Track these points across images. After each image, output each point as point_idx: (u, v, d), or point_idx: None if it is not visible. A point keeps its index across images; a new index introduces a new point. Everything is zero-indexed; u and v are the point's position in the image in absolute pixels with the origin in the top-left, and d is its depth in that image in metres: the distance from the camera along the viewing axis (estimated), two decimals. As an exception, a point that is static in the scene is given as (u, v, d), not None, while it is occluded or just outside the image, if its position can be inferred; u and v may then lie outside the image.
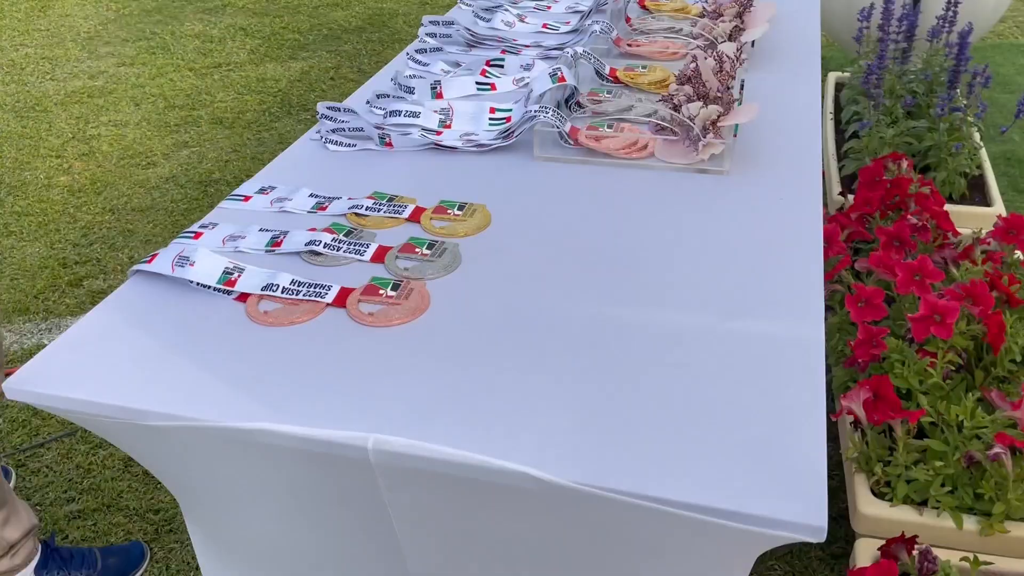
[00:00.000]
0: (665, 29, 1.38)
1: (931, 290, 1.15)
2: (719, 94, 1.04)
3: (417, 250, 0.86)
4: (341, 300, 0.79)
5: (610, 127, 1.06)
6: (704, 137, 1.00)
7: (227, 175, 2.47)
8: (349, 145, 1.09)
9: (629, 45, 1.32)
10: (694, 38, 1.31)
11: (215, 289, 0.81)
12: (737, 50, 1.11)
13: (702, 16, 1.38)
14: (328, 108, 1.15)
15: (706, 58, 1.11)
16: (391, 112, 1.12)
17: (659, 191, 0.97)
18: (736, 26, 1.28)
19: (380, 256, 0.86)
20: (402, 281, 0.81)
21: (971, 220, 1.61)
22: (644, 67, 1.23)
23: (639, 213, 0.92)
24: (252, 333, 0.76)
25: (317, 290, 0.80)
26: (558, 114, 1.04)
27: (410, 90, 1.21)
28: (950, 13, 1.83)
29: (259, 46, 3.45)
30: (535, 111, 1.04)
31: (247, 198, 0.98)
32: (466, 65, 1.30)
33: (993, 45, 3.24)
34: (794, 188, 0.95)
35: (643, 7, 1.51)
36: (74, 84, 3.15)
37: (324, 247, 0.86)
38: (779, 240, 0.86)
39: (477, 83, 1.24)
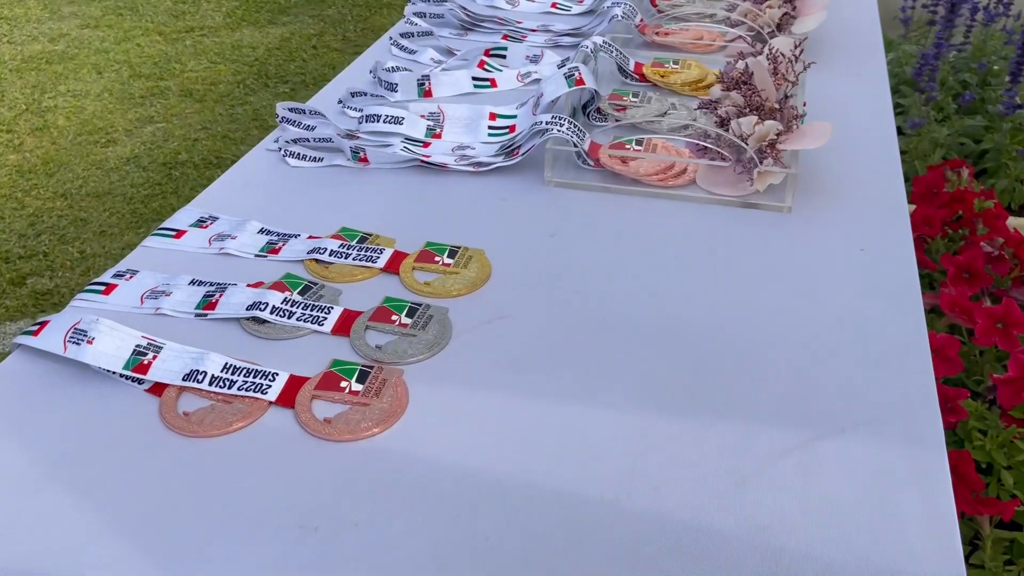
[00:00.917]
0: (698, 13, 1.16)
1: (1019, 342, 0.95)
2: (777, 105, 0.83)
3: (394, 318, 0.66)
4: (289, 396, 0.59)
5: (639, 143, 0.85)
6: (760, 162, 0.79)
7: (195, 156, 2.24)
8: (314, 159, 0.88)
9: (656, 33, 1.10)
10: (733, 26, 1.10)
11: (121, 376, 0.60)
12: (795, 46, 0.90)
13: (741, -2, 1.16)
14: (290, 110, 0.94)
15: (757, 55, 0.90)
16: (368, 117, 0.90)
17: (702, 233, 0.76)
18: (786, 13, 1.07)
19: (345, 325, 0.65)
20: (372, 367, 0.61)
21: (1033, 235, 1.41)
22: (676, 62, 1.02)
23: (678, 264, 0.72)
24: (166, 448, 0.56)
25: (258, 381, 0.59)
26: (575, 127, 0.83)
27: (392, 87, 1.00)
28: (1009, -7, 1.61)
29: (236, 8, 3.19)
30: (546, 123, 0.83)
31: (179, 233, 0.77)
32: (461, 54, 1.08)
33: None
34: (877, 233, 0.75)
35: (669, -16, 1.28)
36: (32, 48, 2.90)
37: (272, 312, 0.65)
38: (865, 312, 0.66)
39: (474, 78, 1.02)
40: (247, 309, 0.66)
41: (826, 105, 0.94)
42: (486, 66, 1.05)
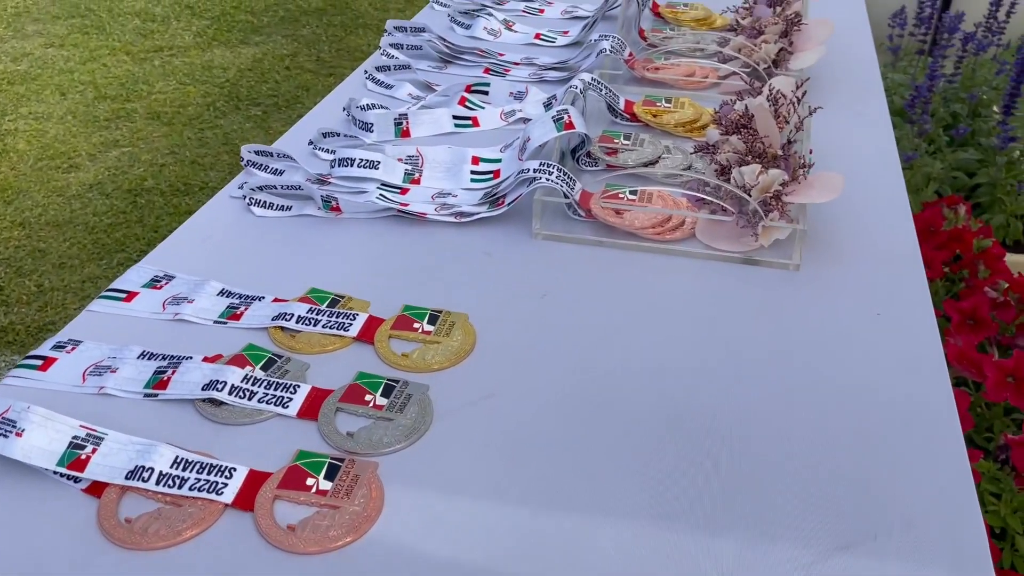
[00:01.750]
0: (689, 47, 1.11)
1: (1030, 398, 0.90)
2: (781, 152, 0.77)
3: (368, 398, 0.59)
4: (248, 497, 0.52)
5: (633, 192, 0.79)
6: (765, 216, 0.73)
7: (161, 183, 2.16)
8: (281, 208, 0.81)
9: (646, 68, 1.05)
10: (725, 61, 1.04)
11: (55, 473, 0.53)
12: (797, 87, 0.85)
13: (734, 30, 1.11)
14: (256, 153, 0.87)
15: (756, 96, 0.84)
16: (341, 160, 0.84)
17: (704, 293, 0.70)
18: (783, 48, 1.01)
19: (313, 408, 0.58)
20: (343, 460, 0.54)
21: (1029, 272, 1.37)
22: (668, 100, 0.96)
23: (679, 331, 0.66)
24: (104, 563, 0.48)
25: (212, 479, 0.52)
26: (565, 175, 0.77)
27: (367, 127, 0.93)
28: (998, 21, 1.58)
29: (207, 28, 3.11)
30: (534, 170, 0.76)
31: (130, 296, 0.69)
32: (441, 90, 1.02)
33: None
34: (893, 295, 0.69)
35: (657, 15, 1.23)
36: (-7, 68, 2.80)
37: (231, 392, 0.58)
38: (886, 389, 0.60)
39: (455, 117, 0.96)
40: (203, 389, 0.58)
41: (829, 149, 0.89)
42: (467, 103, 0.99)
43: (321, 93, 1.04)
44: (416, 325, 0.65)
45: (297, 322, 0.65)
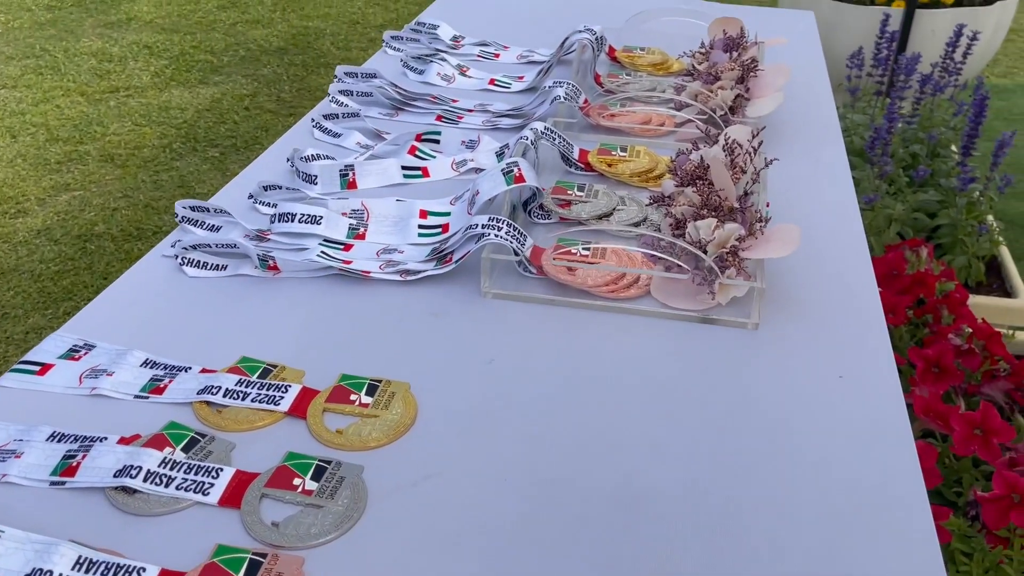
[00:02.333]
0: (646, 92, 1.09)
1: (999, 451, 0.87)
2: (737, 205, 0.75)
3: (297, 482, 0.54)
4: (158, 602, 0.47)
5: (587, 248, 0.76)
6: (721, 273, 0.70)
7: (113, 228, 2.09)
8: (216, 268, 0.77)
9: (601, 115, 1.02)
10: (681, 108, 1.02)
11: (-58, 579, 0.48)
12: (753, 135, 0.82)
13: (690, 75, 1.10)
14: (191, 209, 0.82)
15: (711, 146, 0.82)
16: (281, 216, 0.80)
17: (659, 355, 0.67)
18: (739, 95, 1.00)
19: (236, 494, 0.53)
20: (265, 557, 0.49)
21: (992, 314, 1.36)
22: (623, 149, 0.94)
23: (634, 397, 0.62)
24: None
25: (119, 582, 0.47)
26: (514, 230, 0.74)
27: (311, 179, 0.89)
28: (954, 62, 1.59)
29: (165, 68, 3.06)
30: (482, 226, 0.73)
31: (44, 368, 0.64)
32: (391, 139, 0.98)
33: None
34: (856, 356, 0.66)
35: (614, 60, 1.21)
36: (-58, 110, 2.73)
37: (146, 479, 0.53)
38: (850, 459, 0.57)
39: (404, 167, 0.93)
40: (115, 476, 0.53)
41: (787, 198, 0.87)
42: (418, 152, 0.96)
43: (281, 133, 1.00)
44: (353, 397, 0.61)
45: (224, 396, 0.61)
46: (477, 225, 0.74)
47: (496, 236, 0.72)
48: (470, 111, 1.08)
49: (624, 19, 1.33)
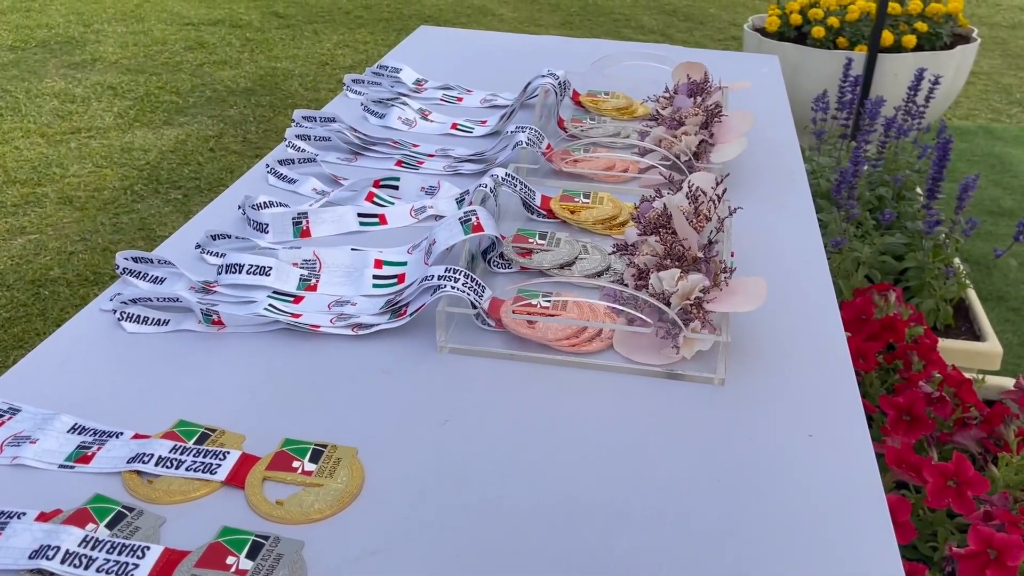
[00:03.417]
0: (609, 137, 1.07)
1: (973, 504, 0.85)
2: (701, 255, 0.72)
3: (231, 561, 0.50)
4: None
5: (547, 300, 0.73)
6: (685, 326, 0.68)
7: (69, 272, 2.04)
8: (157, 323, 0.73)
9: (564, 160, 1.00)
10: (644, 154, 1.01)
11: None
12: (717, 183, 0.80)
13: (654, 119, 1.08)
14: (133, 260, 0.79)
15: (674, 193, 0.80)
16: (228, 267, 0.76)
17: (623, 411, 0.64)
18: (703, 140, 0.98)
19: (164, 576, 0.49)
20: (192, 648, 0.45)
21: (960, 358, 1.35)
22: (586, 195, 0.92)
23: (598, 457, 0.59)
24: None
25: None
26: (472, 281, 0.71)
27: (262, 227, 0.86)
28: (916, 105, 1.60)
29: (129, 108, 3.03)
30: (439, 277, 0.70)
31: (-37, 435, 0.60)
32: (348, 184, 0.95)
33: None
34: (825, 414, 0.64)
35: (578, 104, 1.20)
36: None
37: (64, 560, 0.49)
38: (822, 524, 0.54)
39: (360, 215, 0.90)
40: (30, 557, 0.49)
41: (752, 245, 0.85)
42: (375, 199, 0.93)
43: (247, 175, 0.97)
44: (296, 464, 0.57)
45: (157, 464, 0.57)
46: (433, 276, 0.71)
47: (452, 288, 0.69)
48: (431, 156, 1.05)
49: (588, 63, 1.33)
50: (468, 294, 0.70)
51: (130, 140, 2.77)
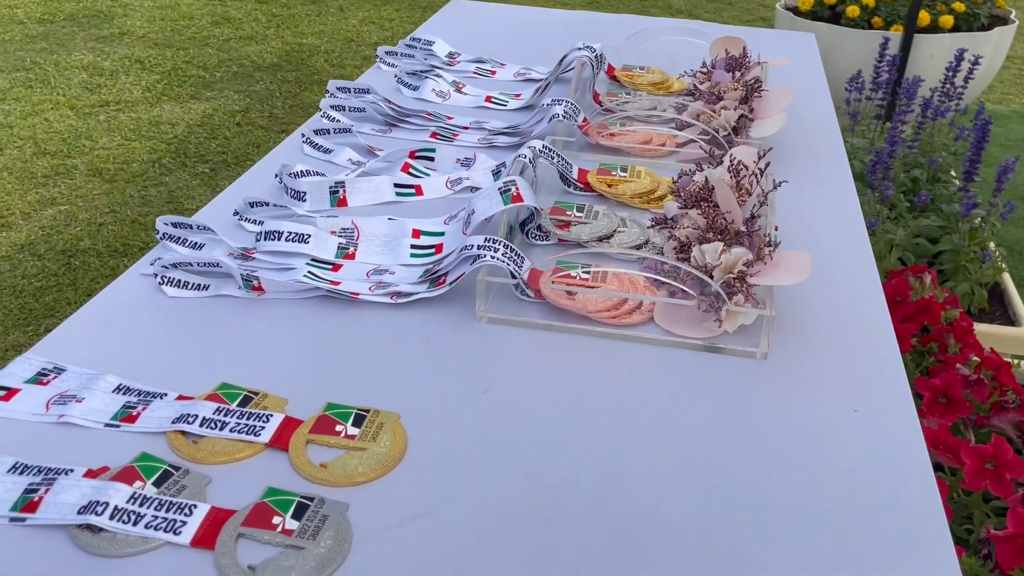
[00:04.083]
0: (646, 111, 1.06)
1: (1012, 487, 0.84)
2: (744, 229, 0.72)
3: (276, 520, 0.50)
4: (120, 655, 0.43)
5: (587, 272, 0.73)
6: (729, 299, 0.67)
7: (99, 243, 2.05)
8: (197, 288, 0.73)
9: (600, 134, 0.99)
10: (682, 128, 1.00)
11: None
12: (759, 156, 0.79)
13: (692, 95, 1.07)
14: (173, 225, 0.79)
15: (714, 167, 0.79)
16: (267, 234, 0.76)
17: (664, 384, 0.63)
18: (743, 115, 0.97)
19: (210, 533, 0.49)
20: (241, 604, 0.45)
21: (995, 342, 1.33)
22: (624, 169, 0.91)
23: (638, 429, 0.59)
24: None
25: (77, 632, 0.43)
26: (512, 252, 0.70)
27: (299, 195, 0.86)
28: (954, 87, 1.57)
29: (156, 82, 3.04)
30: (478, 247, 0.70)
31: (10, 393, 0.60)
32: (383, 155, 0.95)
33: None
34: (870, 388, 0.63)
35: (613, 78, 1.19)
36: (-72, 122, 2.69)
37: (113, 516, 0.49)
38: (869, 500, 0.53)
39: (397, 185, 0.89)
40: (79, 513, 0.49)
41: (792, 222, 0.84)
42: (411, 170, 0.93)
43: (272, 151, 0.97)
44: (339, 428, 0.57)
45: (201, 425, 0.57)
46: (472, 246, 0.70)
47: (492, 257, 0.69)
48: (465, 128, 1.05)
49: (623, 38, 1.31)
50: (508, 264, 0.70)
51: (158, 114, 2.78)
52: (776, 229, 0.74)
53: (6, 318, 1.77)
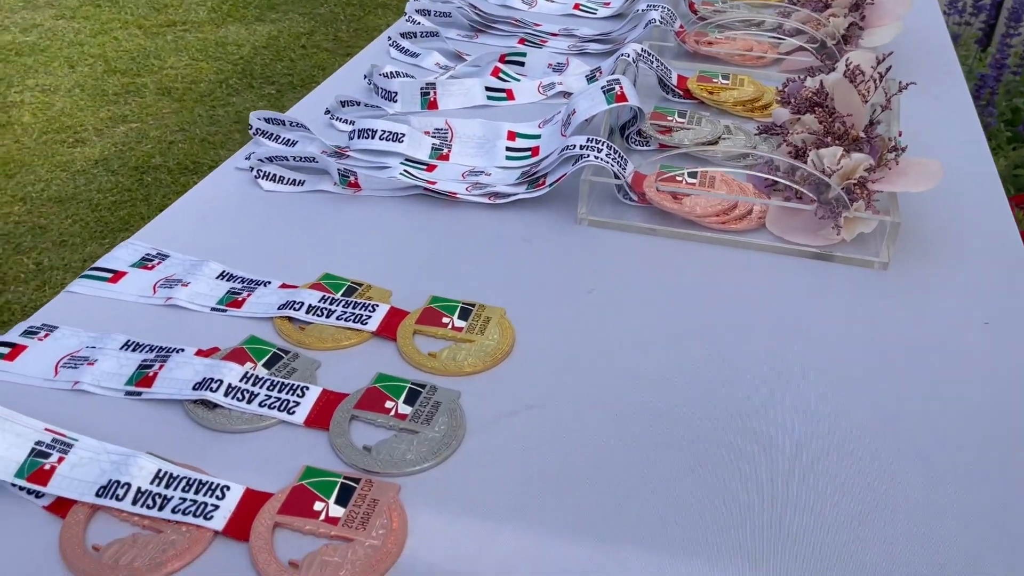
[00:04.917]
0: (744, 20, 1.01)
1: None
2: (864, 135, 0.68)
3: (389, 405, 0.50)
4: (242, 524, 0.43)
5: (693, 176, 0.70)
6: (850, 204, 0.63)
7: (169, 161, 2.07)
8: (293, 183, 0.72)
9: (697, 42, 0.95)
10: (790, 35, 0.95)
11: (13, 486, 0.44)
12: (878, 62, 0.75)
13: (795, 3, 1.01)
14: (266, 120, 0.78)
15: (829, 71, 0.75)
16: (360, 132, 0.75)
17: (775, 292, 0.61)
18: (854, 23, 0.91)
19: (323, 415, 0.49)
20: (358, 482, 0.45)
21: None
22: (725, 77, 0.87)
23: (747, 337, 0.56)
24: (63, 602, 0.39)
25: (201, 499, 0.43)
26: (615, 153, 0.68)
27: (391, 96, 0.84)
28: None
29: (221, 3, 3.02)
30: (580, 147, 0.67)
31: (117, 276, 0.60)
32: (472, 59, 0.92)
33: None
34: (1001, 300, 0.60)
35: (708, -13, 1.13)
36: (2, 39, 2.72)
37: (227, 393, 0.49)
38: (1000, 419, 0.51)
39: (487, 88, 0.87)
40: (194, 388, 0.49)
41: (908, 135, 0.79)
42: (501, 74, 0.90)
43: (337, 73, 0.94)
44: (445, 320, 0.56)
45: (308, 312, 0.56)
46: (574, 146, 0.68)
47: (596, 158, 0.66)
48: (554, 35, 1.01)
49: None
50: (612, 165, 0.67)
51: (224, 35, 2.77)
52: (900, 135, 0.70)
53: (83, 230, 1.80)
